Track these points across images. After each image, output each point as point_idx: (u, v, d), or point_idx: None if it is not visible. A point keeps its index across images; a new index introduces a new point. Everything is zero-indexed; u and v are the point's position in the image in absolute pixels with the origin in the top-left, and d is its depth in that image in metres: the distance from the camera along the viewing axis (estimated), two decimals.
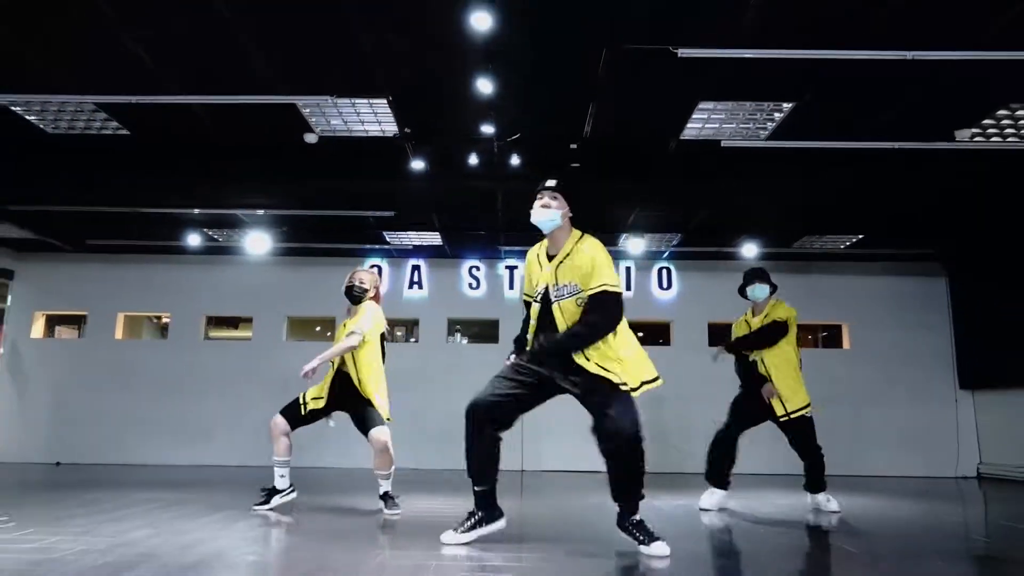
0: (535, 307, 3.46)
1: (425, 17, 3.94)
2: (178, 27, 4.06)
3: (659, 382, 3.49)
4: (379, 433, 4.49)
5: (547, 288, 3.39)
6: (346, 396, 4.59)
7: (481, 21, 3.71)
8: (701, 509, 4.90)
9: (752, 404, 4.98)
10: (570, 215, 3.47)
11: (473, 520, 3.42)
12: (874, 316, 9.00)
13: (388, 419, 4.60)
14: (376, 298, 4.81)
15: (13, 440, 8.68)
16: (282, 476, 4.63)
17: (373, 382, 4.56)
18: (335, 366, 4.63)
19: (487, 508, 3.46)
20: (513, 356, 3.54)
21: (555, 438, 8.53)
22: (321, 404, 4.59)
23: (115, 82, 4.63)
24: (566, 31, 4.07)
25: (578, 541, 3.61)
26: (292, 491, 4.69)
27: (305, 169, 6.07)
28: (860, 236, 7.97)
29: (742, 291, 5.17)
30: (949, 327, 8.95)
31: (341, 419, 4.78)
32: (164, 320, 11.00)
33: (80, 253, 8.95)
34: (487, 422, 3.37)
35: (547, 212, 3.40)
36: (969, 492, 6.89)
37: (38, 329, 9.20)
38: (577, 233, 3.47)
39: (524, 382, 3.43)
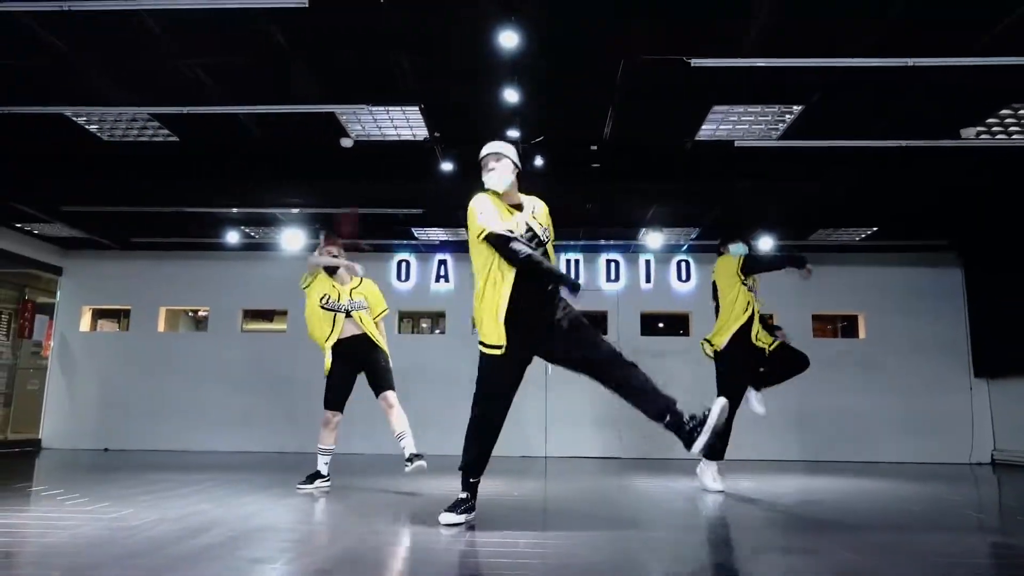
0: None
1: (457, 37, 4.28)
2: (238, 58, 4.44)
3: None
4: (394, 394, 5.06)
5: (534, 232, 3.50)
6: (365, 354, 5.05)
7: (508, 39, 4.04)
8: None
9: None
10: (518, 171, 3.57)
11: (466, 505, 3.52)
12: (890, 306, 9.20)
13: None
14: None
15: (64, 428, 9.21)
16: (326, 464, 5.01)
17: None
18: (336, 337, 5.00)
19: (474, 497, 3.59)
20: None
21: (576, 425, 8.87)
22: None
23: (171, 96, 5.02)
24: (586, 45, 4.38)
25: (600, 525, 3.92)
26: (329, 479, 5.03)
27: (340, 171, 6.43)
28: (874, 229, 8.18)
29: (720, 250, 5.55)
30: (964, 316, 9.12)
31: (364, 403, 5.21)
32: (201, 313, 11.51)
33: (125, 250, 9.43)
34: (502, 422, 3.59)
35: (502, 174, 3.49)
36: (980, 477, 7.11)
37: (85, 323, 9.70)
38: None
39: (521, 371, 3.59)
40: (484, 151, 3.56)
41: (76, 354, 9.47)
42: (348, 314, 5.01)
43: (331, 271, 5.12)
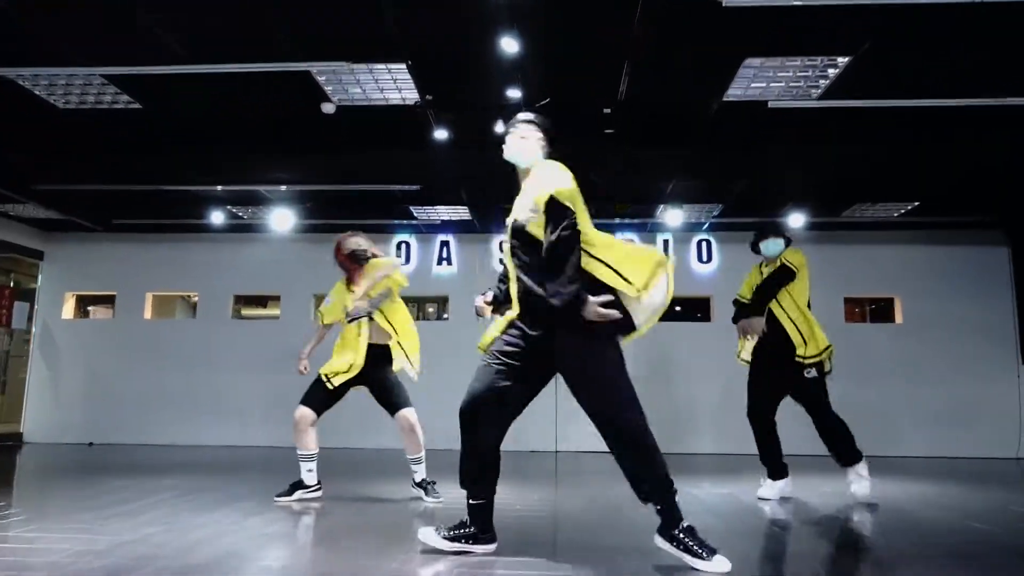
0: None
1: None
2: (200, 10, 3.80)
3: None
4: (412, 412, 4.46)
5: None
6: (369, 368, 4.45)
7: None
8: (759, 498, 4.57)
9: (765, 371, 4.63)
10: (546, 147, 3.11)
11: (462, 531, 2.93)
12: (929, 288, 8.47)
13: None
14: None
15: (47, 421, 8.72)
16: (310, 471, 4.40)
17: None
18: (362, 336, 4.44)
19: (480, 524, 2.95)
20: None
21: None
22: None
23: (121, 52, 4.39)
24: None
25: (615, 546, 3.31)
26: (318, 489, 4.42)
27: (324, 141, 5.81)
28: (915, 204, 7.44)
29: (755, 247, 4.80)
30: (1012, 298, 8.38)
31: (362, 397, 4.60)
32: (195, 298, 10.96)
33: (108, 233, 8.87)
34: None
35: (517, 148, 3.06)
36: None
37: (69, 310, 9.18)
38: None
39: None
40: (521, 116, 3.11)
41: (59, 343, 8.95)
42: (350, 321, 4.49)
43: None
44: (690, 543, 2.64)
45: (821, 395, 4.62)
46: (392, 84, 4.81)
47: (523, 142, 3.02)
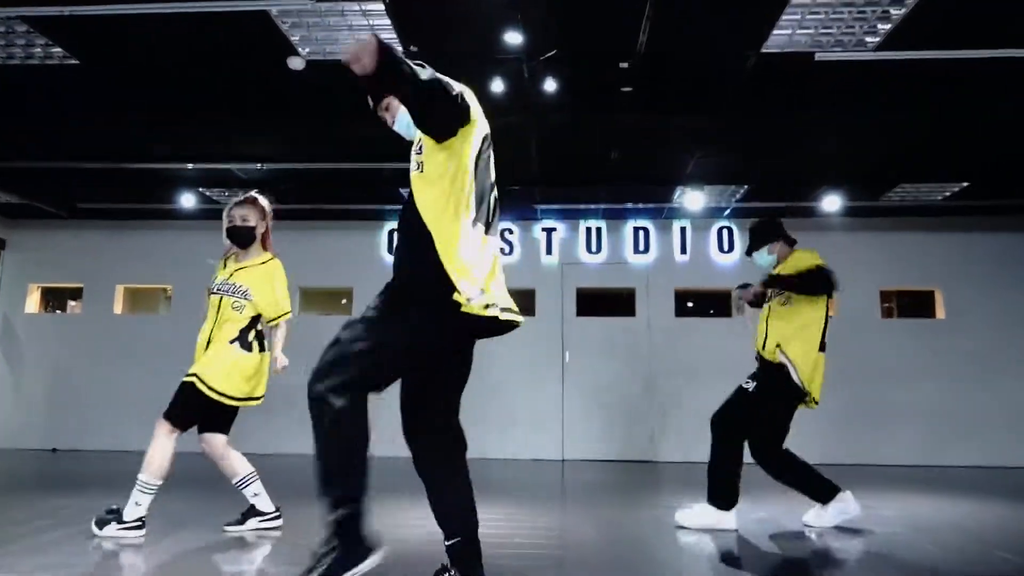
0: None
1: None
2: None
3: None
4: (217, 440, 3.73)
5: None
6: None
7: None
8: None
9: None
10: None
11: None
12: (972, 280, 7.69)
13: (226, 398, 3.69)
14: (266, 238, 3.82)
15: (8, 424, 7.99)
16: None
17: None
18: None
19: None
20: None
21: (598, 423, 7.51)
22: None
23: None
24: None
25: None
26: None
27: (296, 107, 5.05)
28: (964, 184, 6.65)
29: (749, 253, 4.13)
30: None
31: None
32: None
33: (75, 220, 8.14)
34: None
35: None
36: None
37: (33, 303, 8.46)
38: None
39: None
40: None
41: (21, 339, 8.23)
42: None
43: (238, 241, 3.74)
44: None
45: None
46: (367, 29, 4.04)
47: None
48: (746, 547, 3.38)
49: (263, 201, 3.81)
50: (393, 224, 8.08)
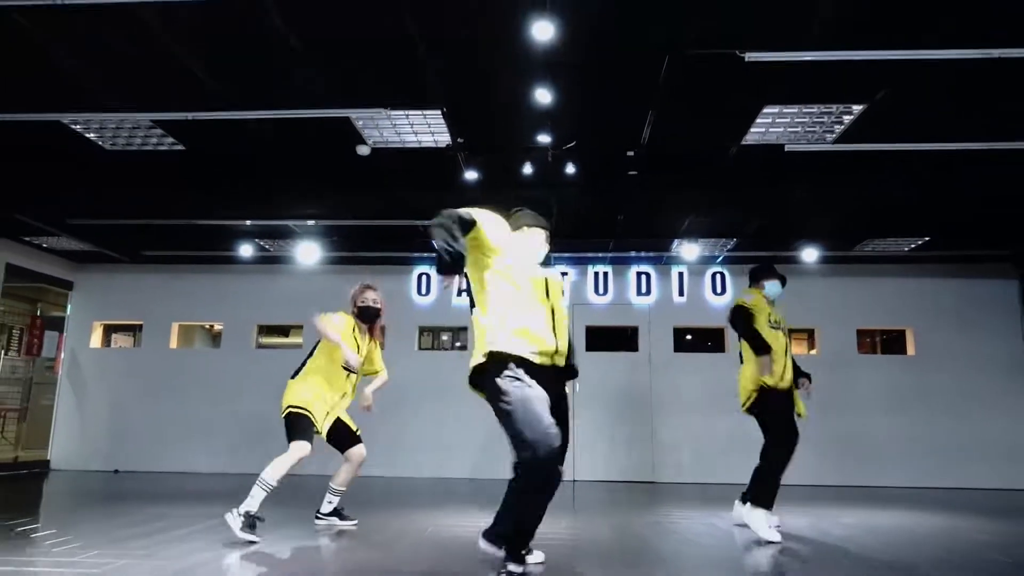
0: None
1: (486, 28, 3.84)
2: (234, 44, 4.04)
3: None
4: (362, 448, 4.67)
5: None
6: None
7: (543, 31, 3.59)
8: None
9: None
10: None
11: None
12: (939, 320, 8.63)
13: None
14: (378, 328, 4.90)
15: (73, 448, 8.89)
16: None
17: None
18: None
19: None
20: None
21: (607, 446, 8.39)
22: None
23: (170, 99, 4.64)
24: (628, 38, 3.92)
25: None
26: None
27: (357, 180, 6.04)
28: (925, 239, 7.63)
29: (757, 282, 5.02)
30: (1021, 331, 8.52)
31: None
32: (217, 328, 11.17)
33: (136, 264, 9.12)
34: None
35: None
36: None
37: (96, 339, 9.39)
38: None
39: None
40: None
41: (86, 371, 9.15)
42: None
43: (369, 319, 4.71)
44: None
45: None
46: (426, 128, 5.04)
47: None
48: (733, 543, 4.27)
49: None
50: (421, 268, 9.04)
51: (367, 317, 4.62)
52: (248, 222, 7.28)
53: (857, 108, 4.67)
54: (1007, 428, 8.27)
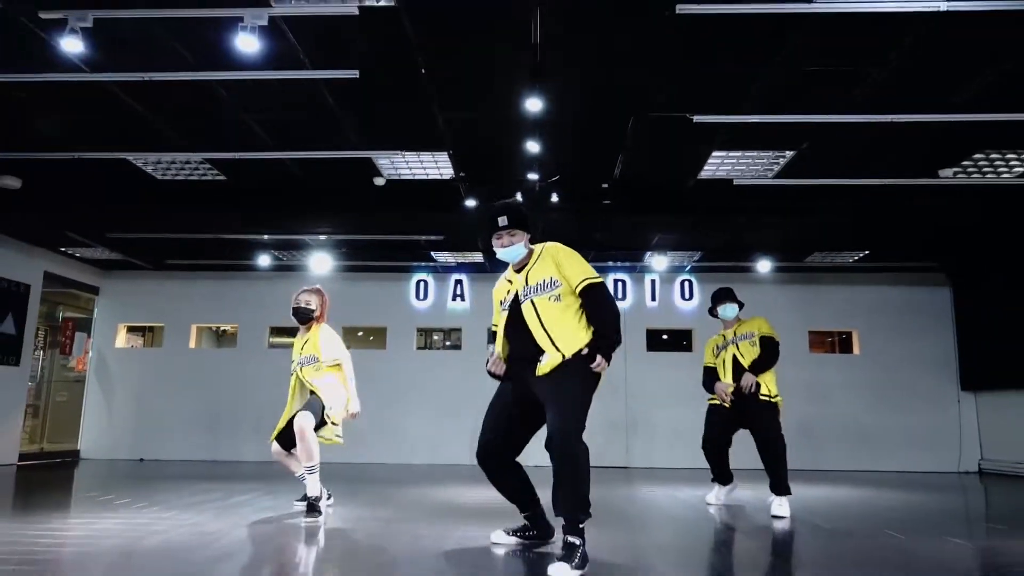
0: (502, 317, 3.44)
1: (488, 99, 4.84)
2: (291, 115, 5.01)
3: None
4: (300, 418, 4.46)
5: (517, 294, 3.34)
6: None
7: (534, 105, 4.59)
8: (707, 503, 5.46)
9: (724, 411, 5.19)
10: (528, 236, 3.42)
11: (527, 534, 3.62)
12: (882, 323, 9.73)
13: (339, 440, 4.73)
14: (321, 317, 4.87)
15: (101, 439, 9.77)
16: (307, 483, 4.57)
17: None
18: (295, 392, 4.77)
19: (538, 527, 3.62)
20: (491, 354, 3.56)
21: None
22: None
23: (227, 145, 5.59)
24: (601, 106, 4.93)
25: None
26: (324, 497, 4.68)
27: (371, 204, 6.99)
28: (866, 252, 8.72)
29: (712, 311, 5.36)
30: (952, 333, 9.65)
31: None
32: (223, 329, 12.07)
33: (159, 271, 10.00)
34: (495, 462, 3.51)
35: (512, 249, 3.37)
36: (965, 486, 7.63)
37: (121, 339, 10.26)
38: (539, 246, 3.45)
39: (512, 402, 3.48)
40: (501, 222, 3.35)
41: (112, 369, 10.02)
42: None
43: (300, 320, 4.85)
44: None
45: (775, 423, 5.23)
46: (434, 165, 6.02)
47: (509, 248, 3.37)
48: (692, 509, 5.29)
49: (323, 290, 4.96)
50: (420, 276, 10.01)
51: (298, 317, 4.85)
52: (266, 236, 8.21)
53: (789, 153, 5.70)
54: (938, 420, 9.39)
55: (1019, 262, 8.29)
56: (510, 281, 3.45)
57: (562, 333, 3.25)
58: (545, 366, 3.23)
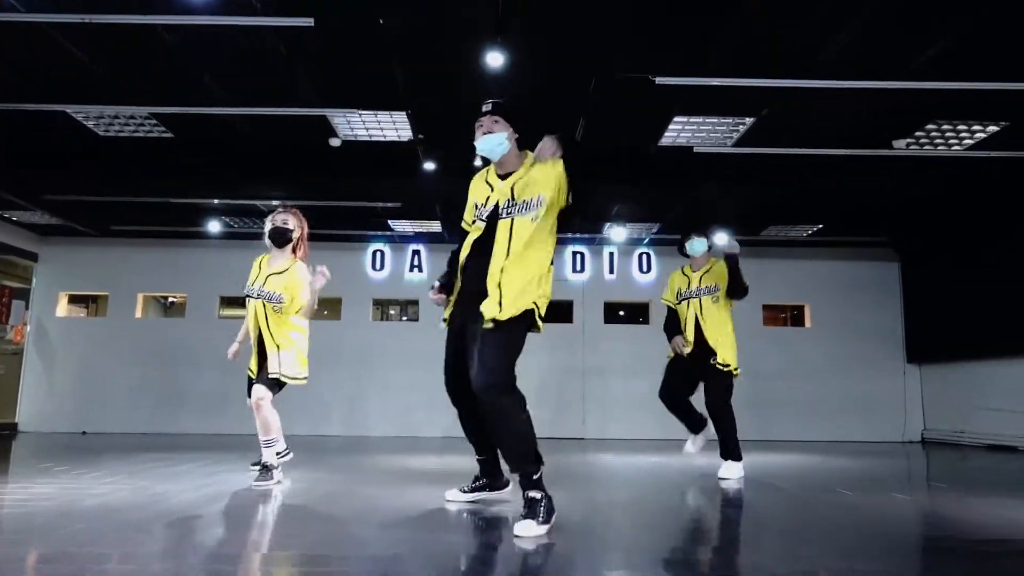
0: (476, 228, 3.12)
1: (450, 54, 4.71)
2: (242, 67, 4.79)
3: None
4: (256, 390, 4.20)
5: (497, 205, 3.04)
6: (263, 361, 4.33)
7: (494, 59, 4.48)
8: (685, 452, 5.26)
9: (683, 363, 5.02)
10: (517, 136, 3.16)
11: (477, 484, 3.57)
12: (833, 297, 9.93)
13: (305, 379, 4.41)
14: (300, 247, 4.47)
15: (41, 411, 9.40)
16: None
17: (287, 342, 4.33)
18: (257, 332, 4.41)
19: (490, 475, 3.56)
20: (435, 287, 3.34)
21: (538, 407, 9.39)
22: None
23: (174, 98, 5.34)
24: (563, 65, 4.85)
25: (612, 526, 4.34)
26: (286, 452, 4.40)
27: (326, 168, 6.80)
28: (819, 226, 8.86)
29: (680, 248, 5.28)
30: (900, 307, 9.91)
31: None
32: (171, 300, 11.72)
33: (103, 237, 9.60)
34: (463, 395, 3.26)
35: (492, 138, 3.10)
36: (908, 453, 7.87)
37: (62, 308, 9.86)
38: (529, 154, 3.16)
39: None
40: (485, 107, 3.16)
41: (53, 339, 9.63)
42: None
43: (276, 241, 4.38)
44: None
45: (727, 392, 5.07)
46: (392, 126, 5.87)
47: (490, 136, 3.12)
48: (644, 473, 5.32)
49: (300, 214, 4.46)
50: (377, 245, 9.83)
51: (274, 239, 4.41)
52: (216, 201, 7.93)
53: (748, 120, 5.72)
54: (885, 390, 9.66)
55: (965, 238, 8.53)
56: (490, 185, 3.14)
57: (514, 276, 2.95)
58: (486, 314, 2.93)
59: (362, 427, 9.33)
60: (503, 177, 3.14)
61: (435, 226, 8.94)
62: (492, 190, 3.13)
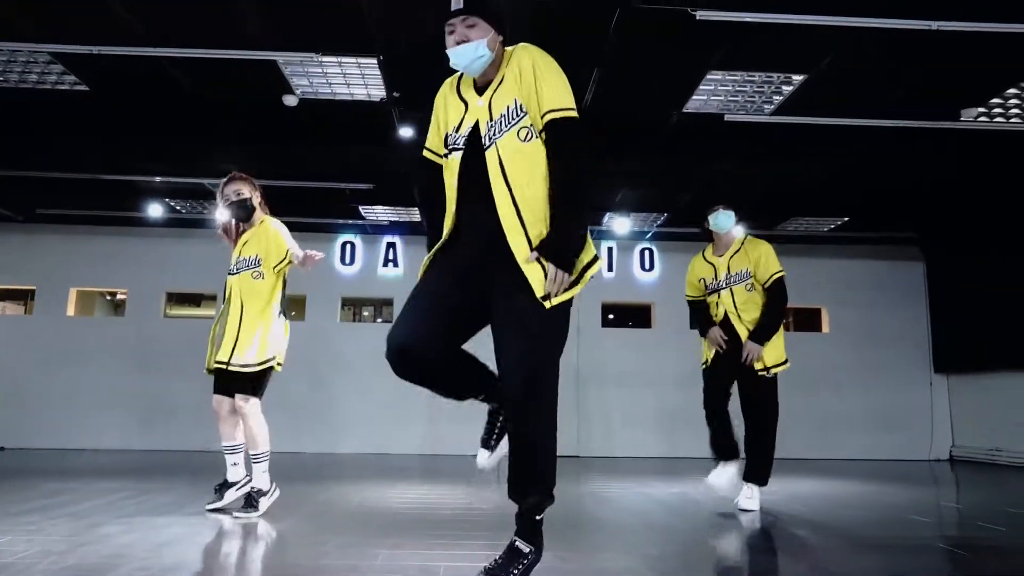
0: (452, 161, 2.31)
1: None
2: None
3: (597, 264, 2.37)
4: (238, 400, 3.68)
5: (477, 128, 2.24)
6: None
7: None
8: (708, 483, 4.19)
9: (722, 364, 4.10)
10: (501, 38, 2.29)
11: (497, 425, 2.48)
12: (853, 300, 8.98)
13: (278, 365, 3.79)
14: (263, 206, 4.02)
15: None
16: (235, 464, 3.82)
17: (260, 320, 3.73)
18: (223, 314, 3.83)
19: (495, 400, 2.47)
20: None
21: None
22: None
23: (74, 30, 4.17)
24: None
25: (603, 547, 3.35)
26: (247, 482, 3.80)
27: (283, 135, 5.67)
28: (843, 220, 7.89)
29: (703, 226, 4.40)
30: (925, 312, 8.98)
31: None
32: (120, 296, 10.45)
33: (29, 223, 8.36)
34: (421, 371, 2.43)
35: (467, 48, 2.24)
36: (939, 475, 6.90)
37: None
38: (507, 50, 2.33)
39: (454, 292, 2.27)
40: (455, 3, 2.26)
41: None
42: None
43: (239, 216, 3.92)
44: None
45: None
46: (360, 79, 4.75)
47: (465, 46, 2.25)
48: (671, 510, 4.26)
49: (246, 176, 3.99)
50: (347, 237, 8.69)
51: (236, 212, 3.93)
52: (158, 179, 6.75)
53: (798, 78, 4.70)
54: (909, 403, 8.71)
55: (997, 235, 7.61)
56: (464, 101, 2.33)
57: (533, 202, 2.17)
58: (521, 260, 2.14)
59: (330, 444, 8.14)
60: (481, 90, 2.30)
61: (414, 213, 7.82)
62: (467, 108, 2.31)
